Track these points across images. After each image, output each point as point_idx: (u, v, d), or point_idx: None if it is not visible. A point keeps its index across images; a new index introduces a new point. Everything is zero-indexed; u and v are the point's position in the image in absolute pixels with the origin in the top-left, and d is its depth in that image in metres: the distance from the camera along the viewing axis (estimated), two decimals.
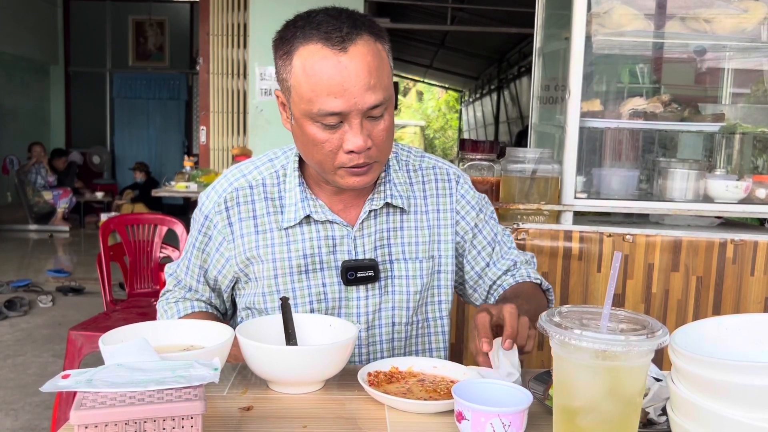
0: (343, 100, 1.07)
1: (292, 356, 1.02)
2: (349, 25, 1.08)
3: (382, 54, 1.12)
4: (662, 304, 2.20)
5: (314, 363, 1.02)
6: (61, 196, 8.80)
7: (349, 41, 1.07)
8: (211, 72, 5.76)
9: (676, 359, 0.80)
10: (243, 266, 1.26)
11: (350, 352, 1.06)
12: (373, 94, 1.08)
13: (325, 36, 1.07)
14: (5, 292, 5.24)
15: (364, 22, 1.11)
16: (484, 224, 1.36)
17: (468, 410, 0.89)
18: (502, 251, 1.38)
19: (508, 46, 10.01)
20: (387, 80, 1.12)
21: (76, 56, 11.07)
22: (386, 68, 1.12)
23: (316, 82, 1.07)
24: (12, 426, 2.96)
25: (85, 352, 2.46)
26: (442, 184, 1.33)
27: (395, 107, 1.24)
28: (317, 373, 1.04)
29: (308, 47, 1.08)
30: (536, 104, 2.81)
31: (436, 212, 1.32)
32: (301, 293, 1.24)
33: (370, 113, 1.10)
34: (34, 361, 3.78)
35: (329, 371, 1.05)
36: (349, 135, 1.10)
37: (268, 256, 1.24)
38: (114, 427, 0.73)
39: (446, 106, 22.59)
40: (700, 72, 2.73)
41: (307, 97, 1.09)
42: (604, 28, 2.31)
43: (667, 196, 2.31)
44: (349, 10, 1.13)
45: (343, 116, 1.09)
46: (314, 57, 1.07)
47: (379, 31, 1.13)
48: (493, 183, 2.20)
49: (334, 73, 1.06)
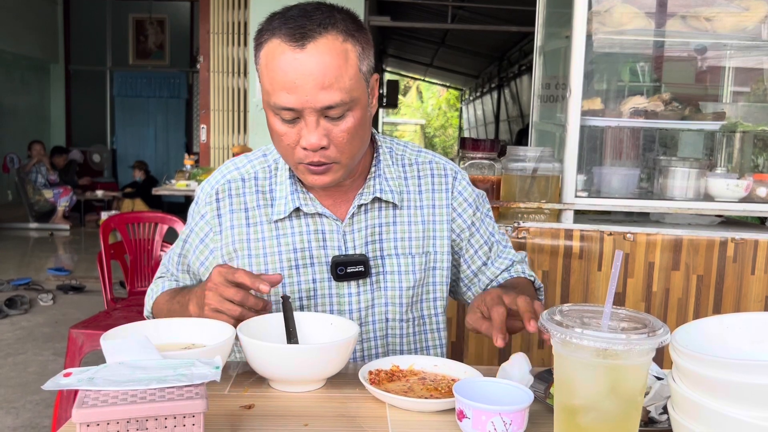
0: (296, 97, 1.07)
1: (294, 355, 1.02)
2: (317, 22, 1.07)
3: (350, 54, 1.09)
4: (663, 303, 2.20)
5: (316, 361, 1.02)
6: (62, 195, 8.80)
7: (309, 38, 1.06)
8: (211, 70, 5.76)
9: (678, 358, 0.80)
10: (228, 258, 1.25)
11: (351, 351, 1.06)
12: (327, 94, 1.07)
13: (288, 32, 1.07)
14: (6, 290, 5.24)
15: (339, 19, 1.10)
16: (480, 222, 1.36)
17: (469, 409, 0.89)
18: (500, 250, 1.38)
19: (508, 44, 10.01)
20: (350, 81, 1.09)
21: (76, 54, 11.07)
22: (351, 69, 1.09)
23: (273, 76, 1.09)
24: (13, 424, 2.96)
25: (85, 351, 2.47)
26: (439, 179, 1.33)
27: (395, 106, 1.24)
28: (319, 371, 1.04)
29: (272, 41, 1.09)
30: (537, 103, 2.81)
31: (431, 207, 1.31)
32: (291, 289, 1.24)
33: (327, 113, 1.10)
34: (35, 360, 3.78)
35: (330, 370, 1.05)
36: (304, 131, 1.11)
37: (259, 250, 1.24)
38: (116, 426, 0.73)
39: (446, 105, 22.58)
40: (701, 70, 2.73)
41: (266, 89, 1.11)
42: (604, 27, 2.31)
43: (667, 194, 2.31)
44: (329, 7, 1.12)
45: (298, 113, 1.09)
46: (275, 52, 1.08)
47: (355, 30, 1.11)
48: (494, 181, 2.20)
49: (288, 69, 1.07)
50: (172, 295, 1.28)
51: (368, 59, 1.14)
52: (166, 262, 1.38)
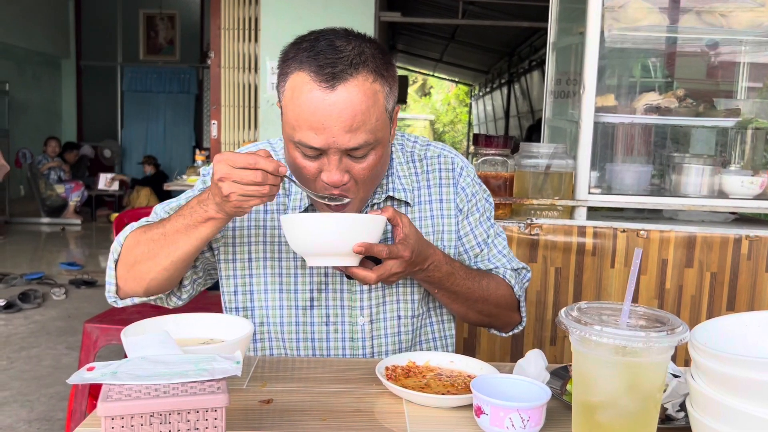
0: (322, 138, 1.05)
1: (333, 222, 1.06)
2: (348, 60, 1.05)
3: (378, 96, 1.08)
4: (676, 300, 2.19)
5: (352, 230, 1.05)
6: (73, 190, 8.87)
7: (340, 80, 1.04)
8: (222, 66, 5.77)
9: (697, 355, 0.80)
10: (239, 240, 1.24)
11: (382, 230, 1.10)
12: (353, 137, 1.06)
13: (318, 68, 1.04)
14: (19, 284, 5.28)
15: (369, 56, 1.07)
16: (478, 223, 1.34)
17: (487, 405, 0.89)
18: (490, 254, 1.34)
19: (518, 39, 9.96)
20: (376, 123, 1.08)
21: (87, 50, 11.12)
22: (379, 110, 1.08)
23: (298, 113, 1.06)
24: (27, 417, 2.99)
25: (100, 345, 2.48)
26: (446, 173, 1.33)
27: (404, 101, 1.23)
28: (353, 239, 1.05)
29: (300, 75, 1.06)
30: (549, 99, 2.80)
31: (439, 202, 1.31)
32: (302, 280, 1.25)
33: (351, 153, 1.09)
34: (48, 353, 3.82)
35: (365, 237, 1.06)
36: (326, 167, 1.09)
37: (274, 238, 1.25)
38: (140, 419, 0.74)
39: (456, 100, 22.53)
40: (714, 66, 2.71)
41: (290, 124, 1.09)
42: (618, 23, 2.30)
43: (681, 191, 2.30)
44: (360, 39, 1.10)
45: (322, 151, 1.08)
46: (302, 88, 1.05)
47: (384, 69, 1.09)
48: (507, 178, 2.20)
49: (316, 109, 1.04)
50: (155, 224, 1.16)
51: (394, 96, 1.14)
52: (158, 210, 1.27)
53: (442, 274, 1.19)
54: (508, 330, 1.38)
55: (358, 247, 1.04)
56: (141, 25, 11.00)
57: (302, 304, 1.25)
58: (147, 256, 1.12)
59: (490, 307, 1.28)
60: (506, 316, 1.32)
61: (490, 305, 1.28)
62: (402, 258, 1.10)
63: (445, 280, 1.20)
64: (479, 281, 1.25)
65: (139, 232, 1.16)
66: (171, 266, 1.12)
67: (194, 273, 1.26)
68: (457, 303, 1.26)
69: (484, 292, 1.26)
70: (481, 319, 1.31)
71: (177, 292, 1.24)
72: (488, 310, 1.29)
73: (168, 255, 1.10)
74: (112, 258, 1.18)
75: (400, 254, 1.09)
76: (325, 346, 1.26)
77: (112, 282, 1.18)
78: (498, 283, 1.29)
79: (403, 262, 1.10)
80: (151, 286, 1.16)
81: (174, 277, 1.16)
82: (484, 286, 1.26)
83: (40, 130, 9.90)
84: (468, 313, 1.29)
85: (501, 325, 1.35)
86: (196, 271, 1.26)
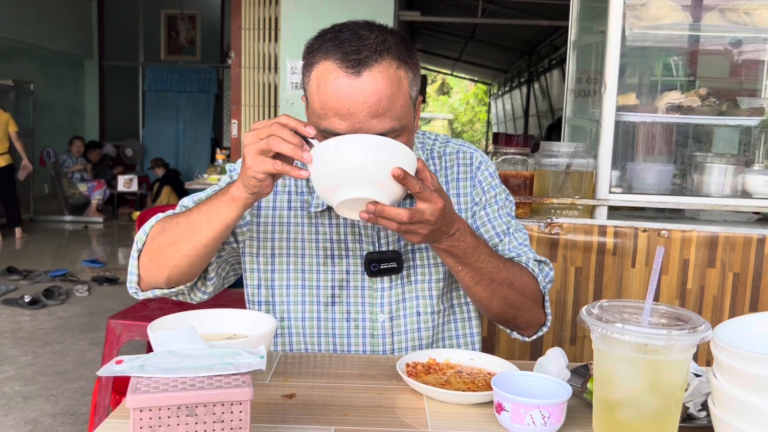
0: (348, 123, 1.06)
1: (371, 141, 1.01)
2: (372, 47, 1.06)
3: (402, 81, 1.09)
4: (697, 301, 2.18)
5: (389, 151, 1.00)
6: (95, 188, 8.99)
7: (365, 65, 1.05)
8: (242, 66, 5.81)
9: (719, 354, 0.80)
10: (263, 236, 1.25)
11: (414, 167, 1.03)
12: (379, 122, 1.06)
13: (343, 56, 1.06)
14: (43, 281, 5.37)
15: (392, 44, 1.09)
16: (496, 215, 1.31)
17: (508, 402, 0.90)
18: (511, 245, 1.30)
19: (538, 38, 9.91)
20: (401, 109, 1.08)
21: (109, 50, 11.27)
22: (403, 96, 1.09)
23: (325, 100, 1.07)
24: (52, 411, 3.04)
25: (123, 340, 2.52)
26: (464, 168, 1.33)
27: (423, 101, 1.23)
28: (391, 162, 0.99)
29: (325, 64, 1.07)
30: (570, 98, 2.79)
31: (457, 197, 1.32)
32: (324, 276, 1.26)
33: None
34: (72, 349, 3.88)
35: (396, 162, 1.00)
36: None
37: (298, 235, 1.27)
38: (167, 411, 0.75)
39: (475, 99, 22.46)
40: (737, 64, 2.68)
41: (317, 113, 1.09)
42: (640, 21, 2.29)
43: (703, 191, 2.28)
44: (383, 29, 1.11)
45: None
46: (328, 76, 1.07)
47: (407, 56, 1.11)
48: (527, 177, 2.20)
49: (342, 96, 1.05)
50: (180, 213, 1.18)
51: (417, 84, 1.14)
52: (185, 202, 1.28)
53: (468, 246, 1.13)
54: (531, 332, 1.32)
55: (397, 170, 0.98)
56: (162, 25, 11.12)
57: (324, 301, 1.27)
58: (169, 242, 1.14)
59: (516, 295, 1.22)
60: (531, 309, 1.27)
61: (515, 292, 1.22)
62: (436, 206, 1.03)
63: (470, 254, 1.15)
64: (504, 262, 1.21)
65: (164, 220, 1.18)
66: (192, 252, 1.12)
67: (219, 264, 1.26)
68: (482, 285, 1.19)
69: (510, 274, 1.20)
70: (506, 309, 1.24)
71: (201, 286, 1.25)
72: (513, 298, 1.22)
73: (190, 239, 1.11)
74: (136, 248, 1.19)
75: (435, 200, 1.03)
76: (345, 342, 1.27)
77: (135, 272, 1.20)
78: (522, 269, 1.25)
79: (436, 211, 1.03)
80: (173, 274, 1.16)
81: (196, 265, 1.16)
82: (509, 267, 1.21)
83: (63, 129, 10.05)
84: (492, 301, 1.22)
85: (525, 321, 1.29)
86: (220, 262, 1.27)
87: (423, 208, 1.03)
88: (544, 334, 1.35)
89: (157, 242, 1.16)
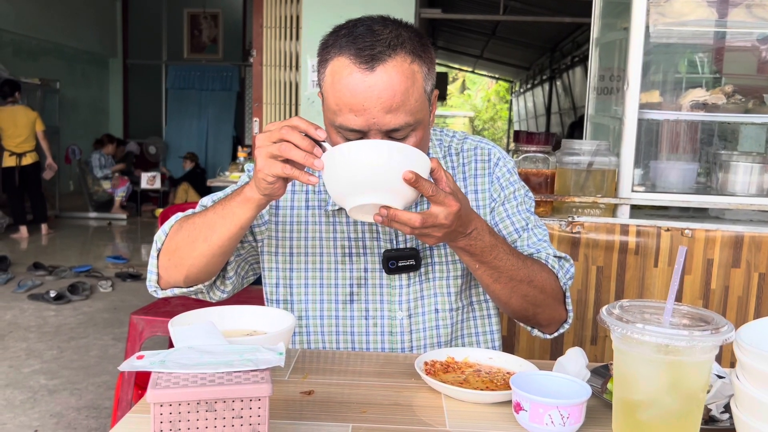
0: (363, 119, 1.06)
1: (384, 146, 0.99)
2: (386, 42, 1.06)
3: (417, 76, 1.08)
4: (722, 301, 2.14)
5: (401, 156, 0.98)
6: (119, 186, 9.11)
7: (379, 60, 1.05)
8: (264, 64, 5.84)
9: (743, 356, 0.79)
10: (282, 235, 1.26)
11: (428, 171, 1.01)
12: (393, 117, 1.06)
13: (357, 52, 1.06)
14: (68, 277, 5.46)
15: (406, 38, 1.09)
16: (515, 210, 1.30)
17: (527, 401, 0.89)
18: (530, 241, 1.29)
19: (561, 35, 9.83)
20: (416, 104, 1.08)
21: (133, 49, 11.42)
22: (418, 91, 1.08)
23: (339, 96, 1.07)
24: (77, 404, 3.09)
25: (145, 336, 2.55)
26: (482, 164, 1.32)
27: (443, 99, 1.21)
28: (403, 166, 0.97)
29: (340, 59, 1.08)
30: (592, 95, 2.76)
31: (474, 193, 1.31)
32: (342, 275, 1.27)
33: (392, 135, 1.09)
34: (96, 344, 3.94)
35: (410, 164, 0.98)
36: None
37: (315, 233, 1.27)
38: (187, 406, 0.76)
39: (496, 97, 22.34)
40: (764, 61, 2.64)
41: (332, 109, 1.10)
42: (664, 18, 2.26)
43: (728, 189, 2.25)
44: (397, 24, 1.11)
45: (363, 133, 1.08)
46: (342, 72, 1.07)
47: (422, 50, 1.10)
48: (548, 175, 2.18)
49: (356, 91, 1.05)
50: (198, 212, 1.19)
51: (432, 79, 1.14)
52: (205, 201, 1.28)
53: (485, 244, 1.12)
54: (552, 329, 1.30)
55: (409, 174, 0.96)
56: (185, 24, 11.22)
57: (342, 299, 1.27)
58: (186, 241, 1.15)
59: (536, 292, 1.20)
60: (552, 306, 1.25)
61: (535, 289, 1.20)
62: (449, 209, 1.01)
63: (487, 252, 1.13)
64: (523, 259, 1.19)
65: (182, 220, 1.19)
66: (208, 252, 1.13)
67: (238, 263, 1.27)
68: (500, 283, 1.17)
69: (529, 272, 1.18)
70: (526, 307, 1.22)
71: (220, 285, 1.26)
72: (533, 296, 1.20)
73: (206, 239, 1.12)
74: (155, 247, 1.21)
75: (449, 203, 1.01)
76: (364, 340, 1.28)
77: (154, 271, 1.21)
78: (541, 266, 1.24)
79: (450, 214, 1.01)
80: (191, 273, 1.17)
81: (212, 264, 1.17)
82: (528, 264, 1.19)
83: (88, 127, 10.21)
84: (511, 299, 1.20)
85: (546, 319, 1.27)
86: (239, 261, 1.28)
87: (437, 212, 1.01)
88: (564, 334, 1.33)
89: (174, 242, 1.18)
